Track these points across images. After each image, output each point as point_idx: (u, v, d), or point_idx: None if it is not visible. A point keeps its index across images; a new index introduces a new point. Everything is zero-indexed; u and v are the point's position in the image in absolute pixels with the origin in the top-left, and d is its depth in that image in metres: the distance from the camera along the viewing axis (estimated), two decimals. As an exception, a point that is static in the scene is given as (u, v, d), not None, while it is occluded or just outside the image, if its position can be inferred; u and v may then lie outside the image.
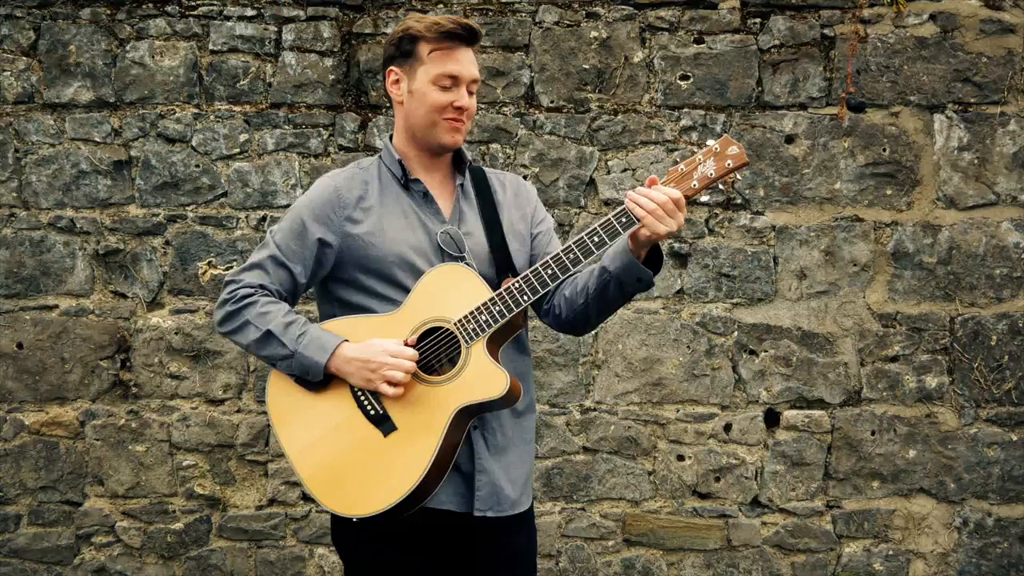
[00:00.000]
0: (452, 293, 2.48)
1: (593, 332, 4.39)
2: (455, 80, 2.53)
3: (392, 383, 2.43)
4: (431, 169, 2.64)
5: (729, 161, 2.45)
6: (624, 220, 2.41)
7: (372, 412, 2.47)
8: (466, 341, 2.46)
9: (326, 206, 2.56)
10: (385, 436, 2.46)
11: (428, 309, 2.49)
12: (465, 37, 2.53)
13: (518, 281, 2.46)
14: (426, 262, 2.53)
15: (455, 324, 2.47)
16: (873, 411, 4.42)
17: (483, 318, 2.45)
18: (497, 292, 2.47)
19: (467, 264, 2.53)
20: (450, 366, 2.48)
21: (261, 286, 2.55)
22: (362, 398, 2.48)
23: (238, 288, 2.55)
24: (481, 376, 2.44)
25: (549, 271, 2.46)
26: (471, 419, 2.50)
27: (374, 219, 2.55)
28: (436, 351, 2.49)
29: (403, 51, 2.56)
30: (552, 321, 2.68)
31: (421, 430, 2.44)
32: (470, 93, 2.56)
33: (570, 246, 2.45)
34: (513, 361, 2.57)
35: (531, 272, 2.46)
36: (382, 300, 2.53)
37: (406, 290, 2.51)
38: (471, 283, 2.49)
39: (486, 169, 2.72)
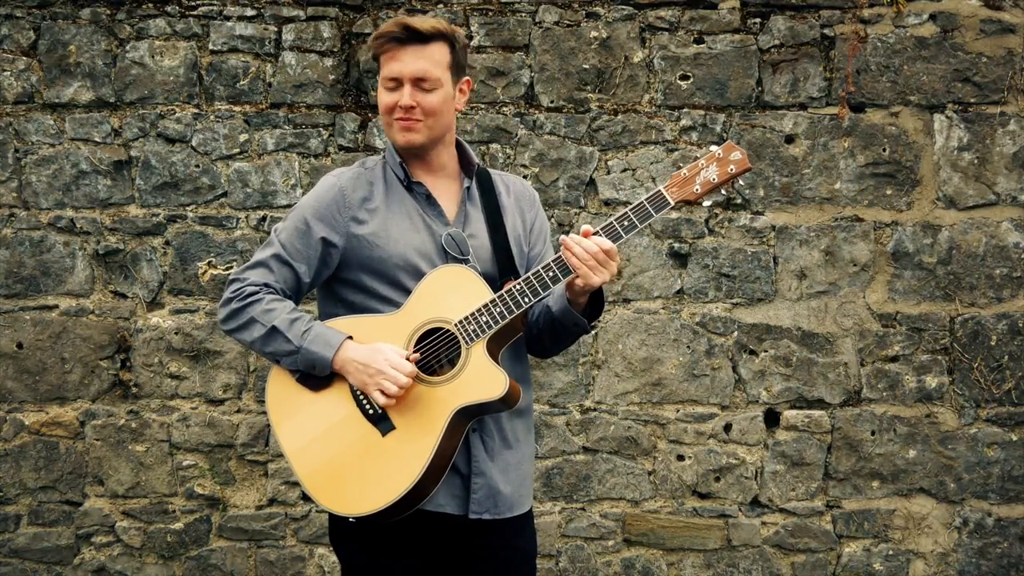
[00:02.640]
0: (454, 294, 2.48)
1: (593, 332, 4.39)
2: (398, 81, 2.53)
3: (385, 393, 2.43)
4: (433, 171, 2.64)
5: (732, 167, 2.48)
6: (562, 267, 2.47)
7: (371, 411, 2.47)
8: (466, 342, 2.46)
9: (331, 206, 2.56)
10: (383, 436, 2.46)
11: (429, 310, 2.49)
12: (400, 38, 2.51)
13: (519, 283, 2.47)
14: (430, 264, 2.53)
15: (456, 325, 2.47)
16: (873, 411, 4.42)
17: (484, 319, 2.46)
18: (498, 294, 2.47)
19: (470, 266, 2.53)
20: (450, 367, 2.48)
21: (266, 284, 2.55)
22: (361, 397, 2.48)
23: (243, 286, 2.55)
24: (480, 377, 2.44)
25: (551, 273, 2.47)
26: (470, 420, 2.50)
27: (379, 220, 2.56)
28: (436, 352, 2.49)
29: (375, 58, 2.59)
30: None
31: (419, 430, 2.44)
32: (425, 91, 2.53)
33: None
34: (511, 364, 2.57)
35: (532, 274, 2.47)
36: (385, 302, 2.53)
37: (409, 291, 2.51)
38: (473, 284, 2.49)
39: (491, 171, 2.72)
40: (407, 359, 2.45)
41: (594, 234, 2.45)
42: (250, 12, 4.36)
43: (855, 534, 4.44)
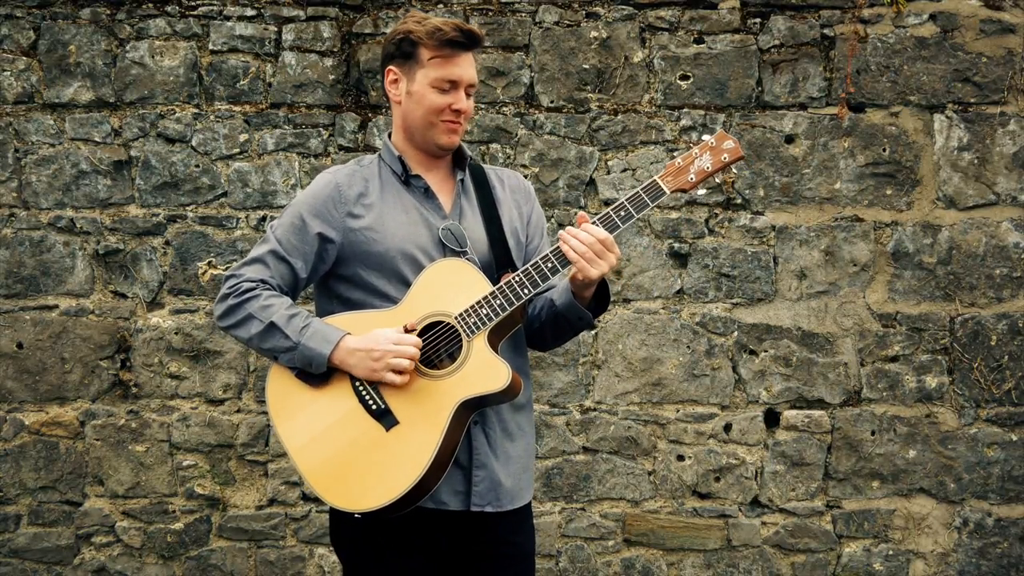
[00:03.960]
0: (453, 287, 2.49)
1: (593, 332, 4.39)
2: (454, 84, 2.55)
3: (397, 371, 2.43)
4: (431, 166, 2.65)
5: (725, 155, 2.52)
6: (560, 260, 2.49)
7: (373, 406, 2.47)
8: (467, 335, 2.46)
9: (327, 202, 2.57)
10: (387, 430, 2.46)
11: (429, 303, 2.49)
12: (465, 44, 2.55)
13: (518, 275, 2.48)
14: (427, 258, 2.54)
15: (456, 318, 2.47)
16: (873, 411, 4.42)
17: (484, 312, 2.46)
18: (498, 286, 2.48)
19: (469, 259, 2.54)
20: (450, 361, 2.48)
21: (263, 281, 2.55)
22: (363, 392, 2.48)
23: (240, 282, 2.55)
24: (483, 369, 2.44)
25: (549, 264, 2.47)
26: (472, 413, 2.51)
27: (375, 215, 2.56)
28: (437, 345, 2.49)
29: (403, 52, 2.57)
30: None
31: (423, 424, 2.44)
32: (467, 95, 2.58)
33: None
34: (511, 357, 2.57)
35: (531, 266, 2.48)
36: (383, 297, 2.54)
37: (407, 286, 2.52)
38: (472, 277, 2.50)
39: (485, 165, 2.73)
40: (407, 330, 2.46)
41: (591, 223, 2.46)
42: (250, 12, 4.36)
43: (855, 534, 4.44)
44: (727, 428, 4.42)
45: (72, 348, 4.36)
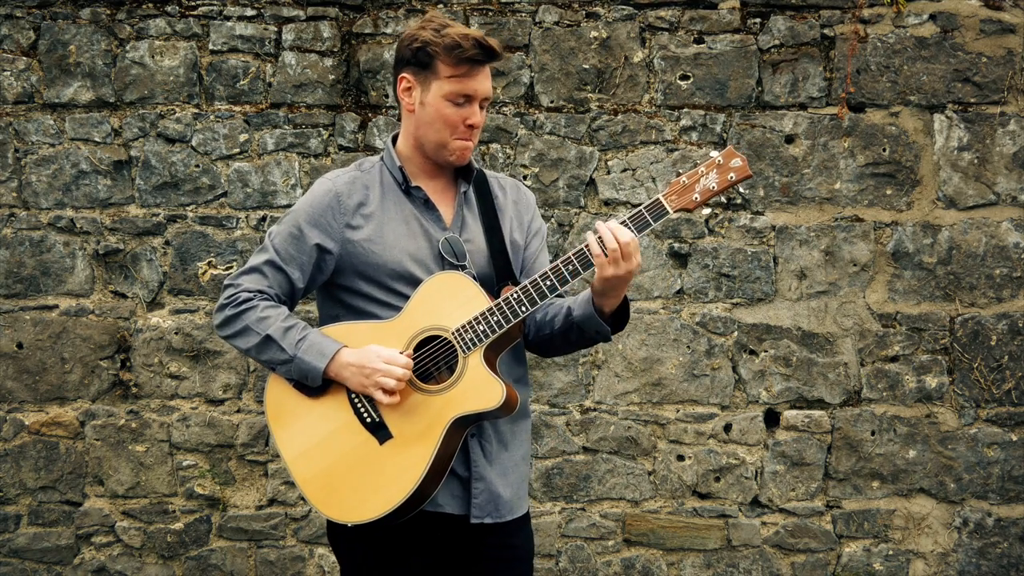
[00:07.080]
0: (451, 301, 2.47)
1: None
2: (469, 98, 2.51)
3: (385, 390, 2.42)
4: (434, 175, 2.62)
5: (732, 174, 2.46)
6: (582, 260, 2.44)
7: (368, 419, 2.47)
8: (463, 351, 2.45)
9: (326, 212, 2.55)
10: (381, 444, 2.46)
11: (426, 317, 2.48)
12: (484, 60, 2.51)
13: (516, 292, 2.46)
14: (426, 270, 2.52)
15: (453, 333, 2.46)
16: (873, 411, 4.42)
17: (481, 328, 2.45)
18: (495, 302, 2.46)
19: (467, 272, 2.53)
20: (448, 374, 2.47)
21: (260, 291, 2.55)
22: (359, 405, 2.48)
23: (237, 292, 2.55)
24: (477, 387, 2.43)
25: (548, 282, 2.45)
26: (468, 427, 2.50)
27: (375, 225, 2.54)
28: (435, 359, 2.48)
29: (419, 61, 2.51)
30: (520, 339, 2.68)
31: (417, 439, 2.44)
32: (481, 108, 2.55)
33: (569, 257, 2.45)
34: (511, 366, 2.57)
35: (530, 283, 2.45)
36: (384, 306, 2.53)
37: (406, 297, 2.51)
38: (470, 292, 2.48)
39: (487, 172, 2.71)
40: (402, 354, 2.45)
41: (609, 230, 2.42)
42: (250, 12, 4.36)
43: (855, 534, 4.44)
44: (727, 428, 4.43)
45: (72, 348, 4.36)
